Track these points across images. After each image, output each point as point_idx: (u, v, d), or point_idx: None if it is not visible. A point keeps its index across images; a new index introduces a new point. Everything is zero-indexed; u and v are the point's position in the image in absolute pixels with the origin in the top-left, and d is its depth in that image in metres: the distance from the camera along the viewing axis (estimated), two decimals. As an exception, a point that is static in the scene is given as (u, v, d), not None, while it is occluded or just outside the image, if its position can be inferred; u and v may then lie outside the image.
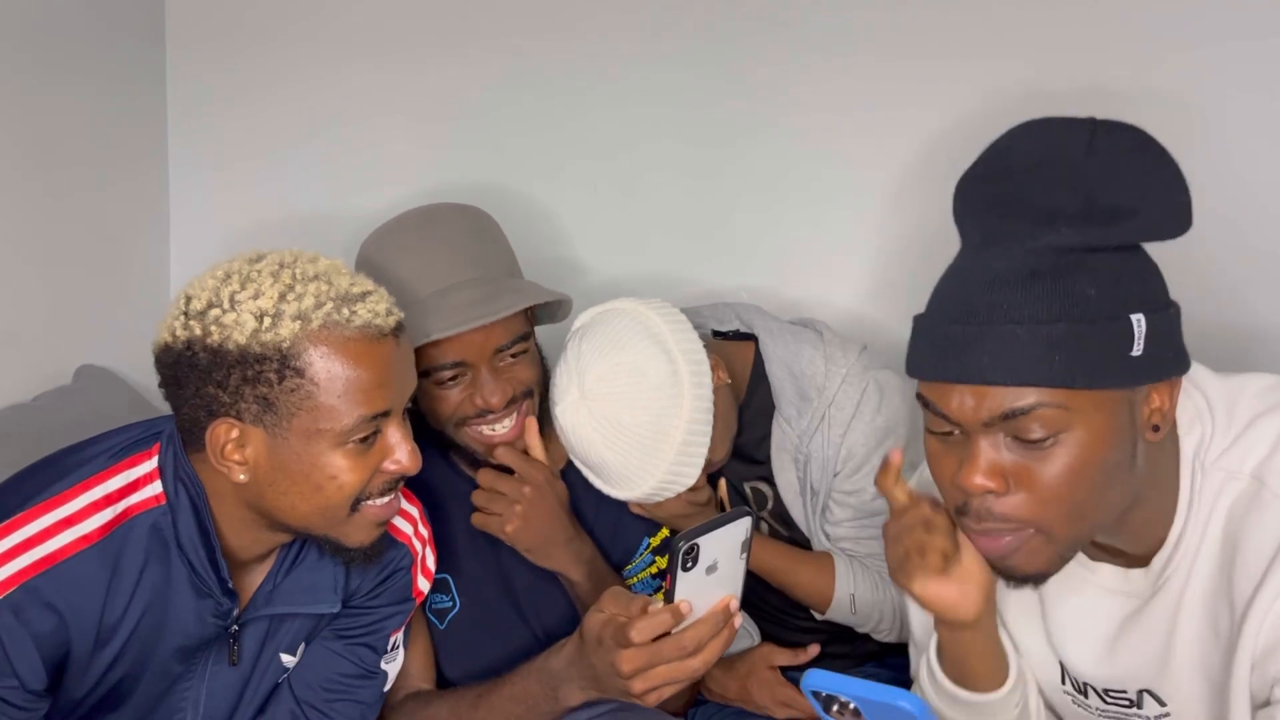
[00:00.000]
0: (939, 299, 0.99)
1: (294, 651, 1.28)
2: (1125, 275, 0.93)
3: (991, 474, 0.95)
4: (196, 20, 2.08)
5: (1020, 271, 0.92)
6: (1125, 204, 0.92)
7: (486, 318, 1.31)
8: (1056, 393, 0.91)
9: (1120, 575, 1.07)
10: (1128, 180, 0.94)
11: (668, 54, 1.91)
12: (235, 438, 1.07)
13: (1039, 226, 0.92)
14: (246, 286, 1.07)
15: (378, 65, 2.03)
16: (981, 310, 0.92)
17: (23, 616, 1.06)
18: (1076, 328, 0.90)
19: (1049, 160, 0.94)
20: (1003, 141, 1.00)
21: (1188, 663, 1.05)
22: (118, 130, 1.98)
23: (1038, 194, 0.93)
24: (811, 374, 1.46)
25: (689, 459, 1.35)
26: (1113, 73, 1.66)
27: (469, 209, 1.47)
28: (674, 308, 1.41)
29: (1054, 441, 0.93)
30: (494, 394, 1.36)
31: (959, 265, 0.99)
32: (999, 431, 0.94)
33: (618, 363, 1.32)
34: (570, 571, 1.44)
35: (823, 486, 1.47)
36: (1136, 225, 0.93)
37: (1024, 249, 0.92)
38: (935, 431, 1.00)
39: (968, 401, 0.94)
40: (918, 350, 0.99)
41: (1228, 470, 0.99)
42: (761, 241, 1.92)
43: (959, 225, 1.00)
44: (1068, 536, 0.98)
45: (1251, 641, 0.97)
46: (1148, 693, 1.10)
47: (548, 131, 1.98)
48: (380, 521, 1.16)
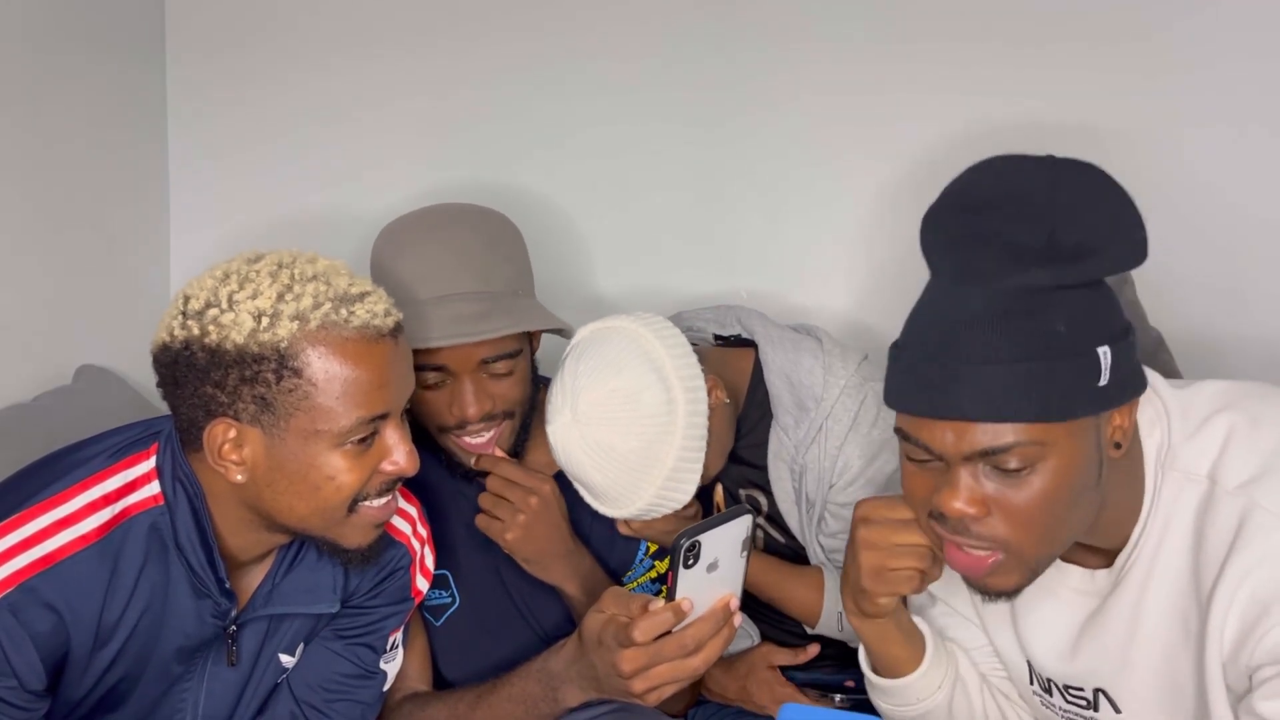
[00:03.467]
0: (916, 332, 1.02)
1: (293, 652, 1.28)
2: (1092, 311, 0.98)
3: (971, 501, 1.00)
4: (197, 20, 2.07)
5: (994, 311, 0.96)
6: (1089, 242, 0.97)
7: (472, 336, 1.31)
8: (1033, 429, 0.96)
9: (1087, 576, 1.12)
10: (1091, 217, 0.98)
11: (669, 57, 1.90)
12: (233, 438, 1.07)
13: (1008, 265, 0.96)
14: (245, 286, 1.07)
15: (379, 67, 2.03)
16: (960, 349, 0.97)
17: (21, 616, 1.06)
18: (1049, 365, 0.95)
19: (1013, 197, 0.99)
20: (966, 176, 1.04)
21: (1149, 664, 1.08)
22: (118, 130, 1.98)
23: (1005, 229, 0.97)
24: (810, 384, 1.46)
25: (679, 484, 1.35)
26: (1110, 91, 1.69)
27: (492, 216, 1.45)
28: (673, 327, 1.40)
29: (1030, 470, 0.98)
30: (470, 406, 1.35)
31: (933, 299, 1.02)
32: (978, 463, 0.99)
33: (613, 389, 1.32)
34: (566, 585, 1.44)
35: (818, 498, 1.47)
36: (1100, 262, 0.98)
37: (996, 289, 0.96)
38: (914, 459, 1.04)
39: (948, 436, 0.98)
40: (897, 383, 1.03)
41: (1184, 471, 1.05)
42: (762, 245, 1.91)
43: (928, 258, 1.04)
44: (1037, 555, 1.03)
45: (1217, 636, 1.01)
46: (1103, 694, 1.13)
47: (548, 132, 1.97)
48: (378, 523, 1.15)
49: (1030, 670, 1.20)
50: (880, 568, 1.12)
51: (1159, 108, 1.71)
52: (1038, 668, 1.18)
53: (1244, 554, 0.99)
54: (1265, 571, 0.98)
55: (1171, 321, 1.62)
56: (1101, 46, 1.72)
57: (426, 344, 1.29)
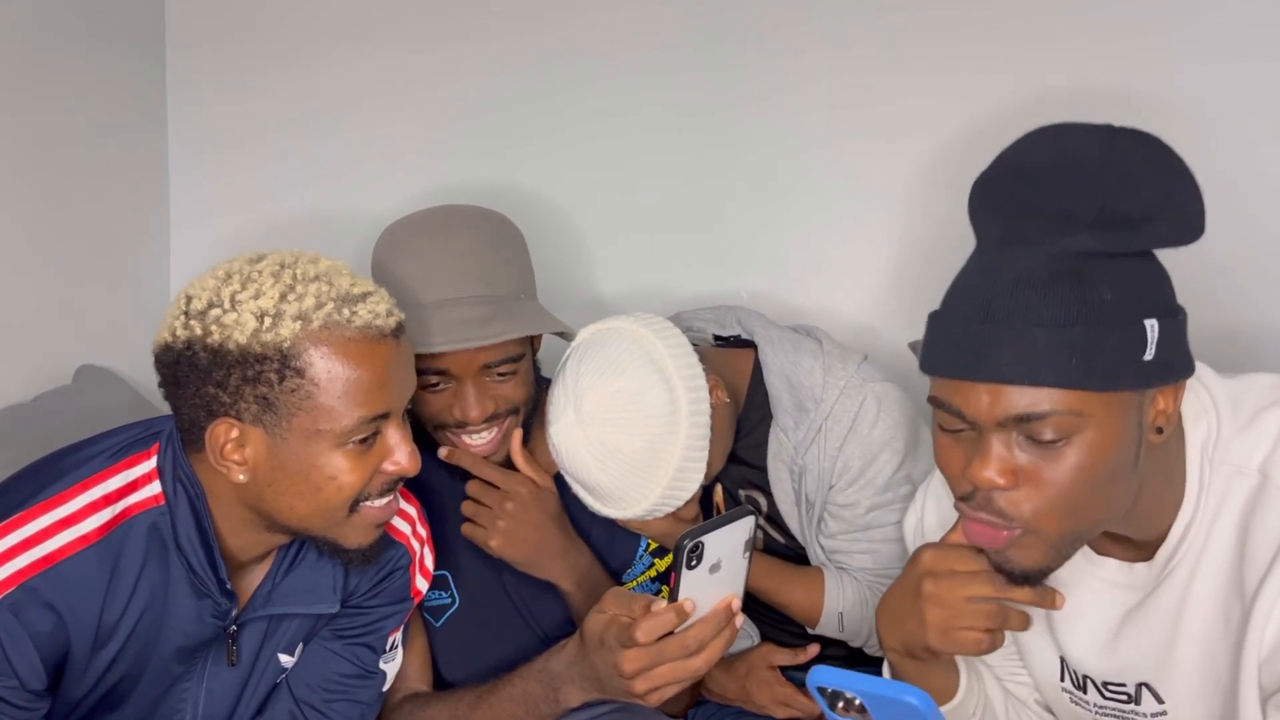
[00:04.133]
0: (957, 297, 1.00)
1: (292, 652, 1.28)
2: (1140, 281, 0.95)
3: (1003, 471, 0.97)
4: (196, 20, 2.07)
5: (1040, 274, 0.93)
6: (1142, 211, 0.94)
7: (476, 341, 1.31)
8: (1071, 398, 0.93)
9: (1125, 569, 1.09)
10: (1145, 187, 0.95)
11: (671, 57, 1.90)
12: (235, 438, 1.07)
13: (1058, 230, 0.93)
14: (247, 286, 1.07)
15: (380, 67, 2.03)
16: (1002, 311, 0.94)
17: (22, 616, 1.06)
18: (1094, 331, 0.92)
19: (1067, 165, 0.96)
20: (1021, 144, 1.01)
21: (1191, 658, 1.06)
22: (118, 130, 1.98)
23: (1057, 198, 0.95)
24: (809, 385, 1.46)
25: (684, 483, 1.36)
26: (1121, 82, 1.66)
27: (493, 218, 1.45)
28: (674, 327, 1.40)
29: (1066, 442, 0.95)
30: (473, 408, 1.35)
31: (978, 264, 1.00)
32: (1012, 430, 0.96)
33: (617, 389, 1.32)
34: (563, 583, 1.44)
35: (818, 499, 1.47)
36: (1153, 232, 0.95)
37: (1044, 252, 0.94)
38: (948, 429, 1.01)
39: (983, 400, 0.95)
40: (935, 348, 1.00)
41: (1235, 465, 1.01)
42: (762, 246, 1.91)
43: (975, 225, 1.01)
44: (1059, 533, 0.99)
45: (1258, 634, 0.99)
46: (1146, 687, 1.11)
47: (548, 132, 1.97)
48: (379, 523, 1.15)
49: (1063, 667, 1.17)
50: (948, 627, 1.07)
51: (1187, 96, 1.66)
52: (1073, 664, 1.15)
53: None
54: None
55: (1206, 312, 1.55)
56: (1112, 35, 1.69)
57: (429, 348, 1.29)
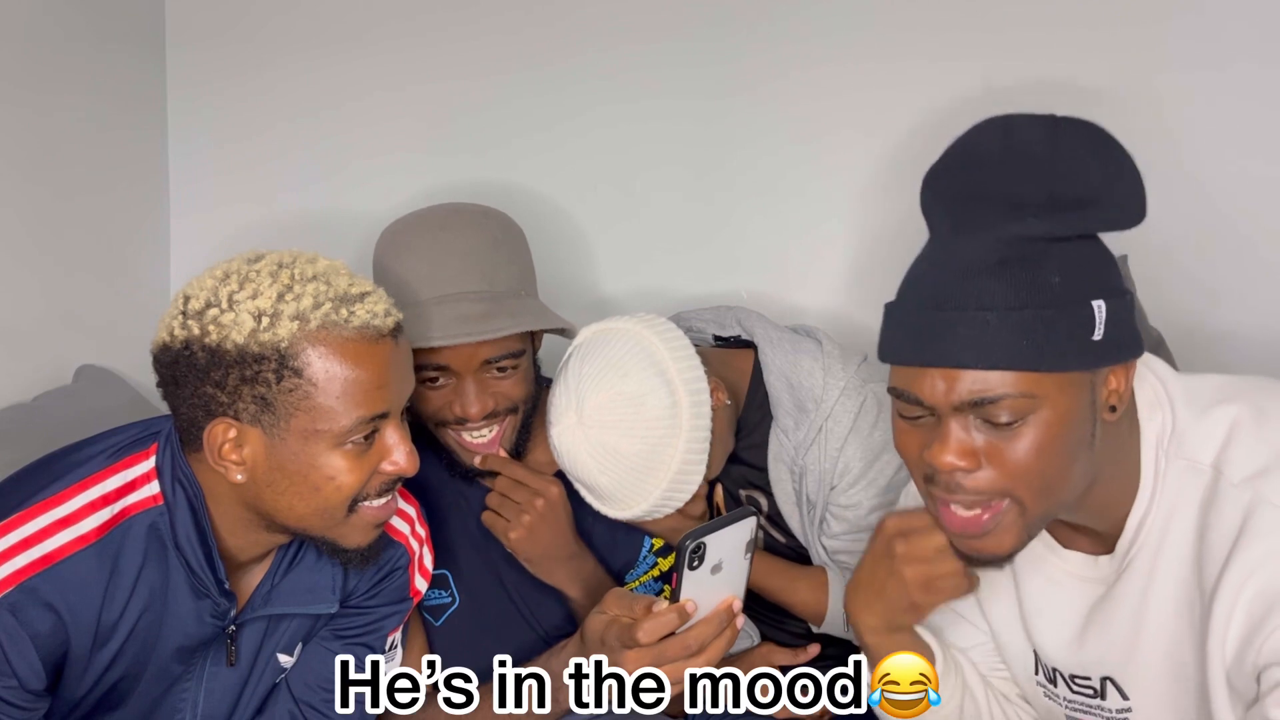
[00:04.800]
0: (911, 286, 1.03)
1: (292, 652, 1.28)
2: (1087, 263, 0.99)
3: (962, 454, 0.99)
4: (196, 20, 2.07)
5: (990, 260, 0.96)
6: (1089, 195, 0.97)
7: (476, 336, 1.31)
8: (1024, 380, 0.96)
9: (1090, 562, 1.12)
10: (1090, 173, 0.99)
11: (673, 57, 1.90)
12: (233, 438, 1.07)
13: (1006, 216, 0.96)
14: (245, 286, 1.07)
15: (379, 64, 2.02)
16: (954, 297, 0.97)
17: (21, 616, 1.06)
18: (1043, 313, 0.96)
19: (1014, 153, 0.99)
20: (969, 135, 1.04)
21: (1156, 652, 1.08)
22: (118, 130, 1.98)
23: (1004, 185, 0.98)
24: (809, 386, 1.46)
25: (684, 483, 1.36)
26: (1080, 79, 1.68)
27: (493, 215, 1.45)
28: (676, 328, 1.40)
29: (1022, 423, 0.98)
30: (473, 405, 1.36)
31: (930, 254, 1.03)
32: (969, 414, 0.98)
33: (618, 392, 1.32)
34: (567, 589, 1.44)
35: (819, 499, 1.47)
36: (1097, 215, 0.98)
37: (993, 238, 0.97)
38: (906, 417, 1.04)
39: (939, 385, 0.98)
40: (892, 336, 1.03)
41: (1189, 459, 1.04)
42: (763, 246, 1.91)
43: (927, 216, 1.04)
44: (1037, 511, 1.02)
45: (1220, 634, 1.00)
46: (1110, 682, 1.13)
47: (548, 132, 1.97)
48: (378, 523, 1.15)
49: (1036, 661, 1.19)
50: (929, 577, 1.12)
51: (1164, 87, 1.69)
52: (1044, 657, 1.18)
53: (1249, 550, 0.98)
54: (1271, 569, 0.97)
55: (1166, 317, 1.60)
56: (1104, 27, 1.71)
57: (429, 343, 1.29)
